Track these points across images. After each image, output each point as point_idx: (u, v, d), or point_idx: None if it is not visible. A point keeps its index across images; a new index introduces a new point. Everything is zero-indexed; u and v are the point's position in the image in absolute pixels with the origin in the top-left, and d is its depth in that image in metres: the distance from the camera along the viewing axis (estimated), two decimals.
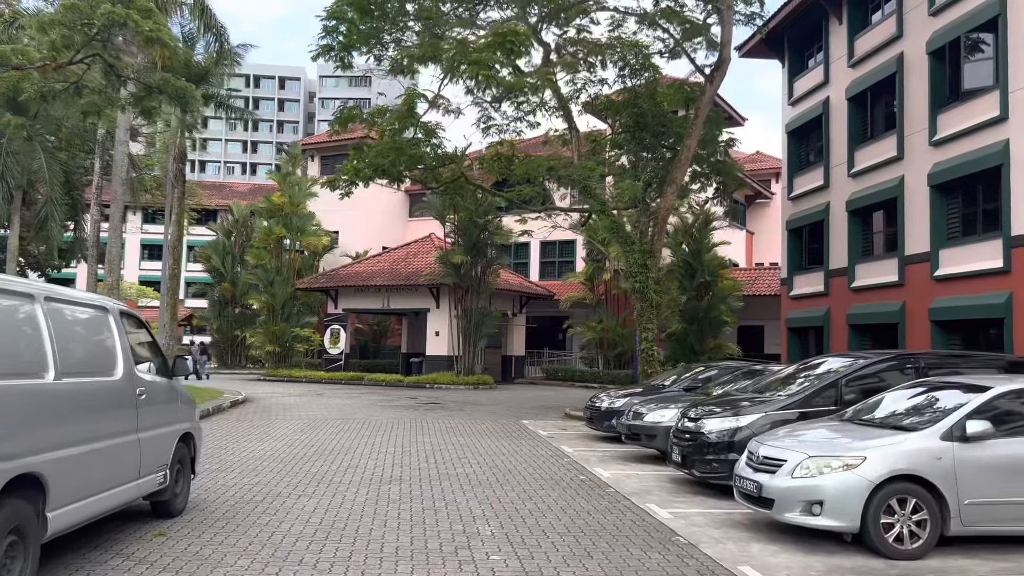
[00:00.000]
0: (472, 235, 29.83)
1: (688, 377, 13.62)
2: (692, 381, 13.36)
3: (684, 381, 13.54)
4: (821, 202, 22.41)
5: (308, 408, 19.53)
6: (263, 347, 33.52)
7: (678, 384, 13.54)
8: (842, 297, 21.18)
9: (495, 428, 15.56)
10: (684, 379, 13.67)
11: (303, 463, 10.60)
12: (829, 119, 22.25)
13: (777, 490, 6.43)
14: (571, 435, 14.59)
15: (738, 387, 11.03)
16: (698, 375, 13.55)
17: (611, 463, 11.09)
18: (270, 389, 26.59)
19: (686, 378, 13.66)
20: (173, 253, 21.80)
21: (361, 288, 32.46)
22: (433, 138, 24.02)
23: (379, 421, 16.49)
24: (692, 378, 13.50)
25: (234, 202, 42.52)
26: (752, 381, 11.18)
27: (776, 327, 36.33)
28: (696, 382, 13.30)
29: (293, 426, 15.33)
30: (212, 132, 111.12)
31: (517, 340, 35.25)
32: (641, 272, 19.27)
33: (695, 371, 13.78)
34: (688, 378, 13.57)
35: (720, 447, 8.56)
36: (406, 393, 25.79)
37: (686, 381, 13.50)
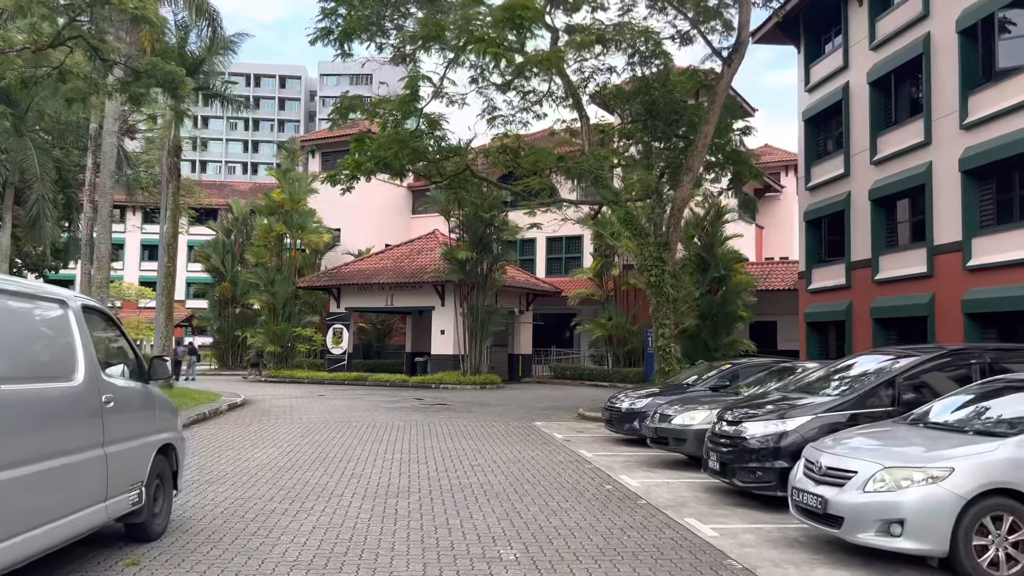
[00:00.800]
0: (478, 231, 28.96)
1: (713, 376, 12.73)
2: (718, 380, 12.47)
3: (709, 380, 12.65)
4: (841, 191, 21.50)
5: (310, 411, 18.68)
6: (264, 347, 32.65)
7: (702, 383, 12.65)
8: (865, 290, 20.28)
9: (507, 431, 14.69)
10: (709, 378, 12.77)
11: (302, 473, 9.73)
12: (849, 105, 21.34)
13: (847, 507, 5.55)
14: (588, 438, 13.72)
15: (773, 386, 10.14)
16: (724, 373, 12.66)
17: (637, 470, 10.21)
18: (271, 391, 25.75)
19: (711, 376, 12.77)
20: (168, 251, 20.94)
21: (364, 286, 31.61)
22: (437, 130, 23.21)
23: (384, 424, 15.63)
24: (717, 377, 12.61)
25: (233, 200, 41.66)
26: (786, 380, 10.30)
27: (790, 322, 35.43)
28: (722, 381, 12.40)
29: (293, 431, 14.47)
30: (213, 132, 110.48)
31: (524, 338, 34.38)
32: (656, 265, 18.38)
33: (720, 369, 12.88)
34: (713, 377, 12.68)
35: (764, 454, 7.68)
36: (411, 394, 24.94)
37: (711, 380, 12.61)
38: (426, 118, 22.81)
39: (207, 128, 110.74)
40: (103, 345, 5.87)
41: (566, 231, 38.04)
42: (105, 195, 15.88)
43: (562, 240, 38.94)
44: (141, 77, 13.26)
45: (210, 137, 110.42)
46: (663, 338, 18.17)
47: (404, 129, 23.05)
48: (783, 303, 32.70)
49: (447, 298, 30.19)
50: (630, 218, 18.90)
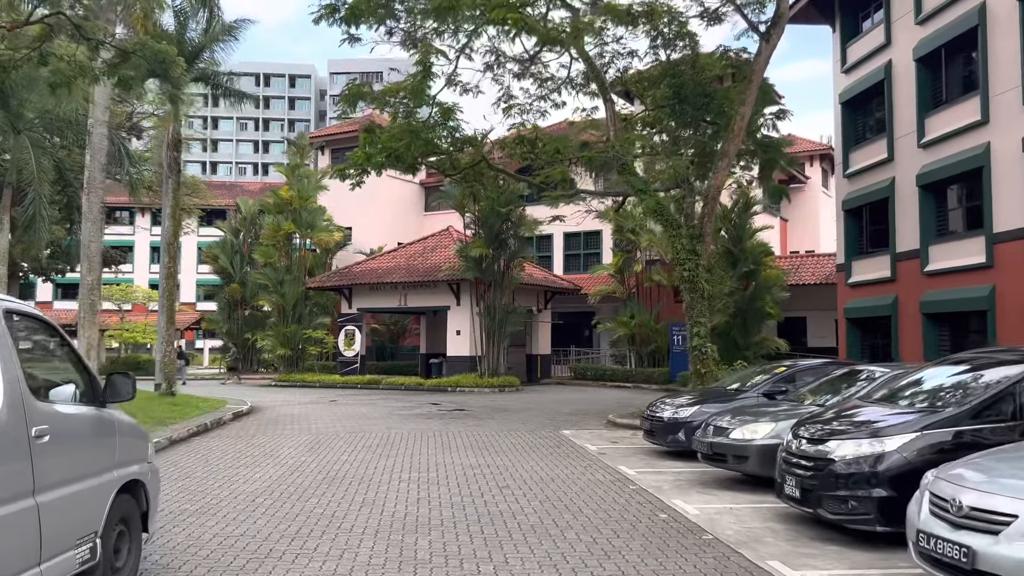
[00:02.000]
0: (494, 226, 27.68)
1: (765, 380, 11.37)
2: (772, 385, 11.12)
3: (761, 385, 11.30)
4: (884, 177, 20.08)
5: (319, 419, 17.46)
6: (274, 351, 31.52)
7: (753, 389, 11.30)
8: (913, 283, 18.86)
9: (534, 442, 13.39)
10: (760, 382, 11.42)
11: (307, 499, 8.48)
12: (892, 85, 19.91)
13: (1010, 564, 4.22)
14: (625, 450, 12.41)
15: (848, 394, 8.80)
16: (778, 377, 11.31)
17: (691, 492, 8.89)
18: (280, 397, 24.57)
19: (763, 381, 11.41)
20: (169, 251, 19.79)
21: (376, 286, 30.40)
22: (450, 120, 21.96)
23: (399, 435, 14.38)
24: (771, 381, 11.26)
25: (242, 199, 40.58)
26: (860, 387, 8.95)
27: (820, 318, 33.98)
28: (776, 386, 11.06)
29: (300, 444, 13.24)
30: (223, 133, 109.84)
31: (543, 338, 33.08)
32: (690, 259, 17.03)
33: (774, 372, 11.52)
34: (766, 381, 11.32)
35: (857, 480, 6.36)
36: (427, 398, 23.70)
37: (763, 385, 11.26)
38: (439, 107, 21.60)
39: (217, 129, 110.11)
40: (43, 362, 4.64)
41: (585, 226, 36.60)
42: (95, 190, 14.73)
43: (580, 236, 37.62)
44: (130, 58, 12.07)
45: (220, 138, 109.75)
46: (698, 337, 16.82)
47: (416, 120, 21.90)
48: (813, 298, 31.27)
49: (462, 297, 28.94)
50: (660, 208, 17.55)
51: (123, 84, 12.83)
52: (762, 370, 12.39)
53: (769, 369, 11.96)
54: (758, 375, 12.19)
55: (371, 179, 39.36)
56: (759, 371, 12.56)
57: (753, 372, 12.78)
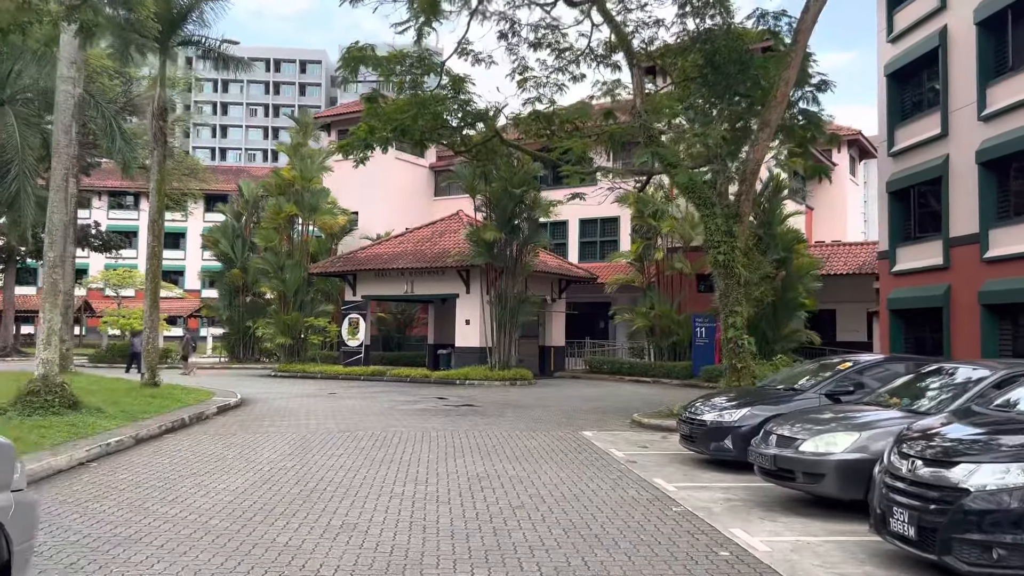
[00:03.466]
0: (507, 209, 25.96)
1: (828, 378, 9.60)
2: (836, 384, 9.38)
3: (821, 383, 9.55)
4: (937, 155, 18.21)
5: (314, 414, 15.85)
6: (274, 339, 29.95)
7: (812, 388, 9.55)
8: (970, 271, 17.02)
9: (550, 445, 11.71)
10: (820, 381, 9.66)
11: (271, 522, 6.84)
12: (948, 52, 18.01)
13: None
14: (658, 457, 10.70)
15: (959, 398, 7.05)
16: (843, 375, 9.55)
17: (750, 517, 7.18)
18: (277, 388, 23.01)
19: (824, 379, 9.65)
20: (153, 229, 18.19)
21: (381, 272, 28.76)
22: (461, 91, 20.29)
23: (398, 435, 12.73)
24: (835, 380, 9.50)
25: (244, 180, 38.99)
26: (956, 388, 7.22)
27: (850, 310, 32.11)
28: (842, 385, 9.32)
29: (284, 444, 11.62)
30: (232, 119, 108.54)
31: (556, 329, 31.36)
32: (725, 241, 15.28)
33: (838, 370, 9.74)
34: (828, 380, 9.56)
35: (1003, 519, 4.65)
36: (433, 391, 22.06)
37: (825, 383, 9.51)
38: (448, 76, 19.93)
39: (226, 115, 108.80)
40: None
41: (602, 212, 34.97)
42: (60, 155, 13.11)
43: (597, 222, 35.90)
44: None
45: (229, 124, 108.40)
46: (734, 329, 15.08)
47: (424, 90, 20.26)
48: (842, 290, 29.45)
49: (472, 285, 27.26)
50: (693, 184, 15.78)
51: (86, 32, 11.17)
52: (818, 367, 10.62)
53: (830, 365, 10.18)
54: (810, 372, 10.45)
55: (378, 162, 37.89)
56: (811, 368, 10.81)
57: (803, 369, 11.04)
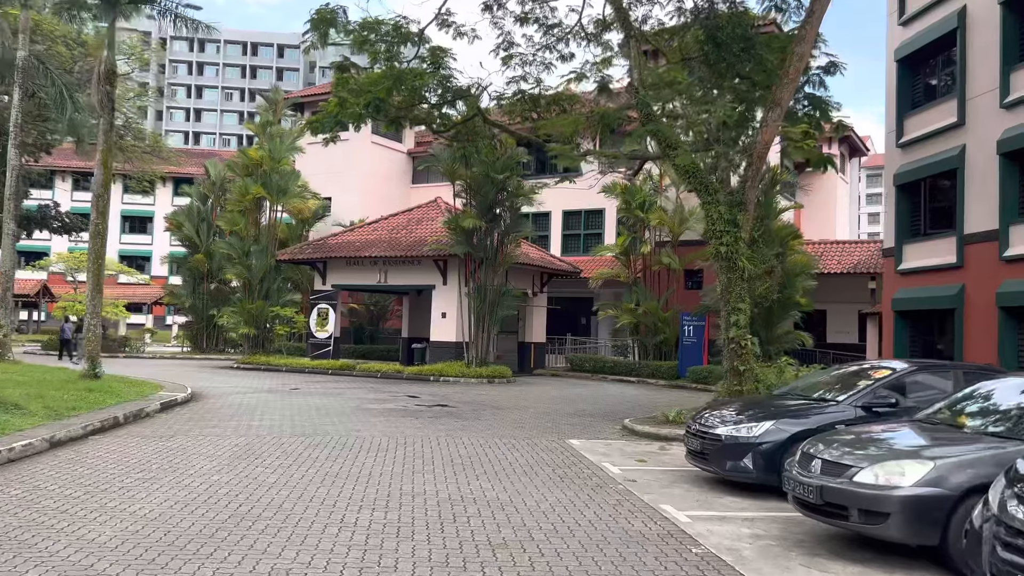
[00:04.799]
0: (488, 195, 24.40)
1: (864, 389, 8.17)
2: (874, 396, 7.97)
3: (856, 394, 8.13)
4: (952, 145, 16.97)
5: (270, 413, 14.24)
6: (237, 329, 28.16)
7: (845, 399, 8.13)
8: (987, 270, 15.79)
9: (536, 457, 10.21)
10: (855, 391, 8.24)
11: (179, 565, 5.27)
12: (967, 35, 16.76)
13: None
14: (660, 474, 9.25)
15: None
16: (882, 384, 8.13)
17: (792, 564, 5.71)
18: (236, 381, 21.31)
19: (858, 390, 8.22)
20: (98, 204, 16.42)
21: (353, 260, 27.08)
22: (441, 66, 18.74)
23: (361, 441, 11.18)
24: (871, 390, 8.08)
25: (210, 161, 37.04)
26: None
27: (842, 311, 30.93)
28: (880, 397, 7.92)
29: (225, 450, 10.02)
30: (207, 103, 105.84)
31: (537, 324, 29.86)
32: (728, 231, 13.85)
33: (876, 378, 8.32)
34: (864, 390, 8.14)
35: None
36: (405, 388, 20.48)
37: (860, 394, 8.09)
38: (427, 45, 18.35)
39: (201, 99, 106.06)
40: None
41: (586, 203, 33.54)
42: None
43: (581, 214, 34.45)
44: None
45: (204, 108, 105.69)
46: (737, 327, 13.66)
47: (401, 62, 18.69)
48: (833, 290, 28.26)
49: (450, 276, 25.68)
50: (694, 169, 14.33)
51: None
52: (844, 374, 9.21)
53: (862, 373, 8.74)
54: (836, 380, 9.04)
55: (353, 145, 36.15)
56: (836, 375, 9.40)
57: (826, 376, 9.62)
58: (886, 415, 7.73)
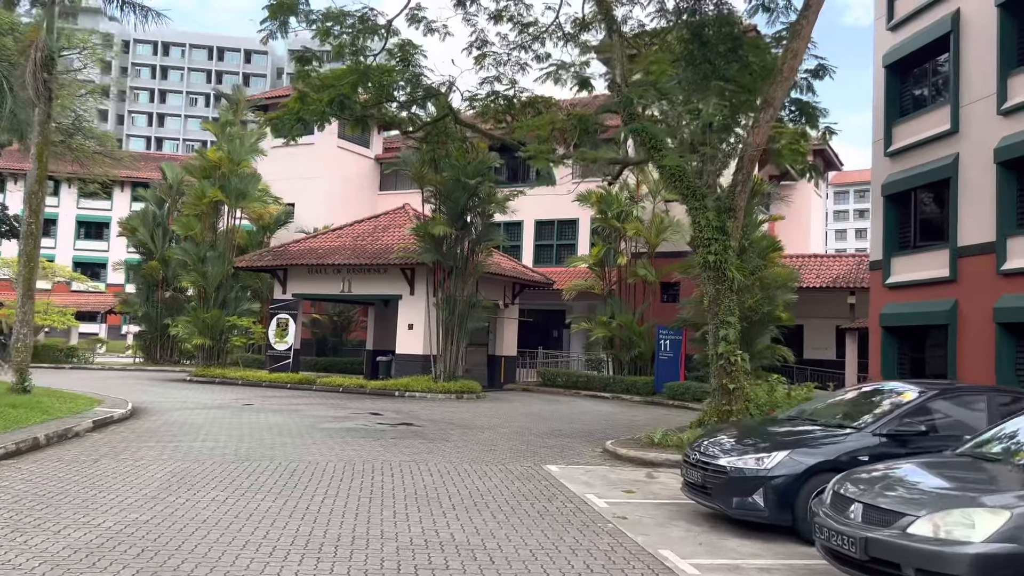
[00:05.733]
0: (459, 202, 23.28)
1: (888, 414, 7.17)
2: (900, 422, 6.97)
3: (880, 421, 7.12)
4: (944, 154, 16.24)
5: (215, 432, 12.92)
6: (191, 339, 26.62)
7: (874, 426, 7.09)
8: (983, 284, 15.02)
9: (511, 488, 9.07)
10: (877, 416, 7.23)
11: None
12: (960, 39, 16.08)
13: None
14: (653, 509, 8.16)
15: None
16: (909, 410, 7.13)
17: None
18: (186, 396, 19.87)
19: (882, 415, 7.21)
20: (31, 203, 14.98)
21: (316, 268, 25.76)
22: (410, 62, 17.70)
23: (313, 467, 9.95)
24: (898, 415, 7.07)
25: (167, 163, 35.44)
26: None
27: (819, 327, 30.26)
28: (908, 424, 6.92)
29: (156, 479, 8.74)
30: (171, 107, 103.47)
31: (508, 337, 28.74)
32: (717, 239, 12.92)
33: (897, 401, 7.33)
34: (888, 416, 7.13)
35: None
36: (367, 404, 19.20)
37: (884, 421, 7.07)
38: (395, 37, 17.26)
39: (164, 103, 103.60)
40: None
41: (560, 213, 32.61)
42: None
43: (554, 224, 33.48)
44: None
45: (167, 112, 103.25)
46: (726, 342, 12.67)
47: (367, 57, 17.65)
48: (810, 305, 27.56)
49: (417, 285, 24.47)
50: (681, 172, 13.38)
51: None
52: (859, 395, 8.23)
53: (882, 394, 7.75)
54: (852, 403, 8.06)
55: (318, 150, 34.79)
56: (850, 397, 8.42)
57: (838, 399, 8.63)
58: (915, 444, 6.73)
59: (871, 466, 5.68)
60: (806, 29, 12.81)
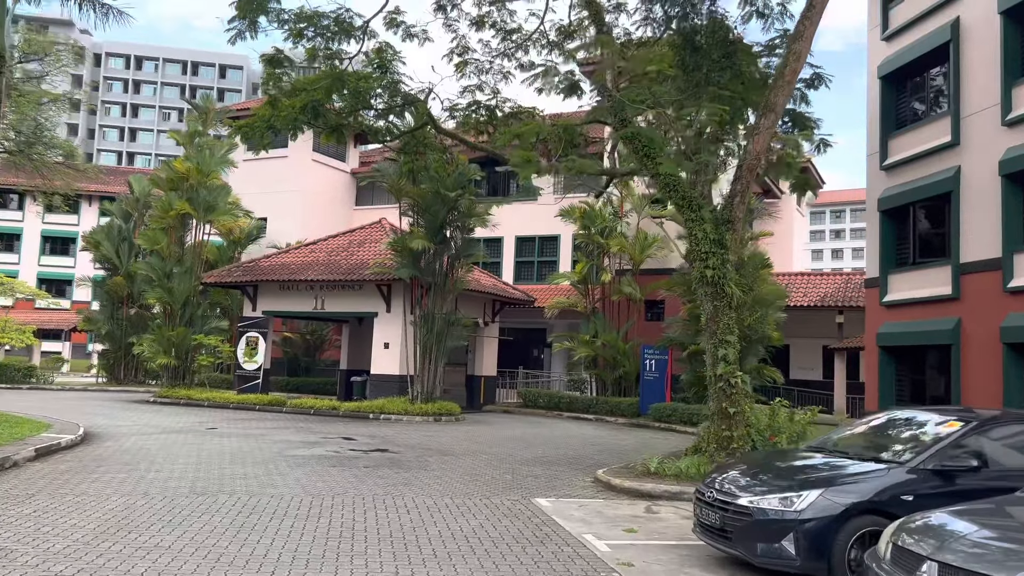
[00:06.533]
0: (438, 215, 22.34)
1: (931, 446, 6.30)
2: (945, 456, 6.10)
3: (923, 454, 6.24)
4: (945, 167, 15.65)
5: (172, 460, 11.80)
6: (155, 358, 25.34)
7: (918, 460, 6.21)
8: (988, 302, 14.36)
9: (498, 527, 8.09)
10: (919, 449, 6.36)
11: None
12: (961, 48, 15.54)
13: None
14: (661, 553, 7.21)
15: None
16: (956, 441, 6.26)
17: None
18: (146, 419, 18.64)
19: (925, 447, 6.35)
20: None
21: (288, 284, 24.65)
22: (388, 68, 16.86)
23: (274, 503, 8.90)
24: (942, 449, 6.21)
25: (134, 176, 34.18)
26: None
27: (805, 346, 29.64)
28: (956, 457, 6.06)
29: (96, 517, 7.67)
30: (143, 122, 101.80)
31: (488, 356, 27.74)
32: (715, 252, 12.11)
33: (940, 433, 6.47)
34: (932, 448, 6.26)
35: None
36: (340, 428, 18.10)
37: (927, 454, 6.20)
38: (374, 44, 16.41)
39: (136, 118, 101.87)
40: None
41: (541, 230, 31.86)
42: None
43: (535, 240, 32.65)
44: None
45: (140, 127, 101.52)
46: (725, 363, 11.82)
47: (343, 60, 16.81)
48: (796, 324, 26.91)
49: (394, 302, 23.44)
50: (677, 181, 12.58)
51: None
52: (887, 423, 7.36)
53: (920, 424, 6.89)
54: (881, 433, 7.20)
55: (292, 163, 33.75)
56: (878, 424, 7.55)
57: (861, 428, 7.77)
58: (964, 481, 5.88)
59: (935, 513, 4.80)
60: (809, 30, 12.11)
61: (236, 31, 14.77)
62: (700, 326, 21.06)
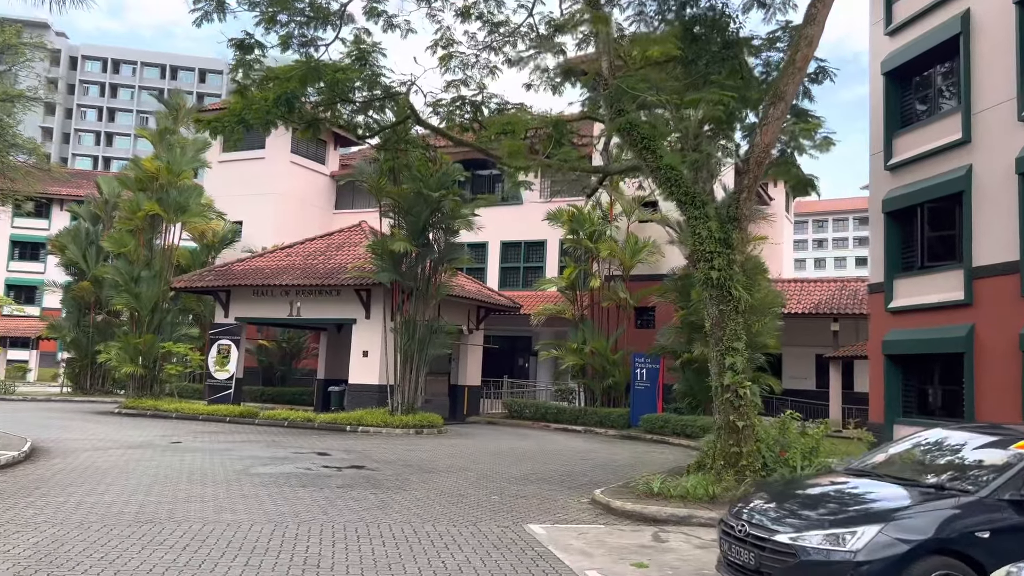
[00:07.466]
0: (420, 217, 21.28)
1: (1008, 473, 5.31)
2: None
3: (996, 482, 5.27)
4: (955, 165, 14.83)
5: (123, 480, 10.64)
6: (120, 367, 24.04)
7: (994, 490, 5.23)
8: (1004, 308, 13.51)
9: (488, 562, 7.05)
10: (992, 477, 5.37)
11: None
12: (971, 41, 14.74)
13: None
14: None
15: None
16: None
17: None
18: (106, 432, 17.40)
19: (998, 474, 5.36)
20: None
21: (262, 289, 23.48)
22: (367, 60, 15.86)
23: (230, 533, 7.80)
24: (1020, 474, 5.24)
25: (102, 177, 32.85)
26: None
27: (798, 355, 28.80)
28: None
29: (14, 555, 6.54)
30: (120, 126, 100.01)
31: (472, 365, 26.66)
32: (720, 252, 11.17)
33: (1016, 455, 5.51)
34: (1009, 476, 5.28)
35: None
36: (314, 442, 16.95)
37: (1003, 483, 5.22)
38: (352, 30, 15.40)
39: (113, 122, 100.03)
40: None
41: (527, 234, 30.91)
42: None
43: (520, 246, 31.68)
44: None
45: (117, 132, 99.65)
46: (732, 372, 10.87)
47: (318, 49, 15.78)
48: (789, 333, 26.03)
49: (374, 308, 22.32)
50: (678, 176, 11.63)
51: None
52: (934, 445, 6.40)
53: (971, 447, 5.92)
54: (928, 454, 6.25)
55: (270, 165, 32.53)
56: (922, 446, 6.58)
57: (905, 447, 6.80)
58: None
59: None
60: (822, 13, 11.23)
61: (202, 11, 13.70)
62: (693, 333, 20.30)
